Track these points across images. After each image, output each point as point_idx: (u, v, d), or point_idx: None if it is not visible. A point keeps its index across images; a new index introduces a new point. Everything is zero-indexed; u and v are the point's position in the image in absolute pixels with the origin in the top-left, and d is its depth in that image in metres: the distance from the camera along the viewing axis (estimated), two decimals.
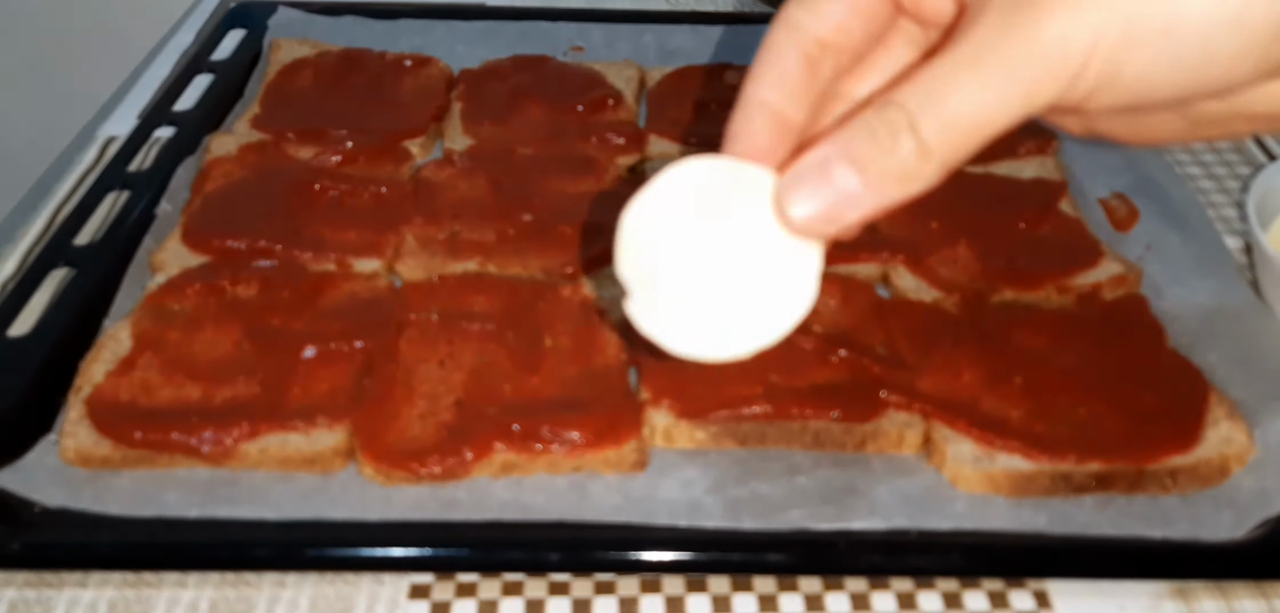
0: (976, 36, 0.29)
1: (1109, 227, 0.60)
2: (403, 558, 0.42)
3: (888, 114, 0.30)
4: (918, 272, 0.56)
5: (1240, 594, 0.42)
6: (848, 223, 0.31)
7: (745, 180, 0.33)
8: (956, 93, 0.29)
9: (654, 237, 0.33)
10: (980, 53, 0.29)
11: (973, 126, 0.29)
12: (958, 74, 0.29)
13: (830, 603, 0.42)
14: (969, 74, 0.29)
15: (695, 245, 0.33)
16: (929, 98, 0.29)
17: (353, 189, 0.61)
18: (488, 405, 0.47)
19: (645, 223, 0.33)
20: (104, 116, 0.72)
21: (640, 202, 0.33)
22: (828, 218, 0.31)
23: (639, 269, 0.33)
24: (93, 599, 0.42)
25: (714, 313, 0.33)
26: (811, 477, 0.45)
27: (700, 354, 0.33)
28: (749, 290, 0.33)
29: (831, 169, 0.30)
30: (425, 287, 0.54)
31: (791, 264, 0.33)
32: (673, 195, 0.33)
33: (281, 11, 0.79)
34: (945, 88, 0.29)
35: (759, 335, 0.33)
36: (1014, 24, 0.28)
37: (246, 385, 0.48)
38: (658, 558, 0.42)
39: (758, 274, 0.33)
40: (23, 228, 0.61)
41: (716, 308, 0.33)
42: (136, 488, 0.44)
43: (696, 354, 0.33)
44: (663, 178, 0.33)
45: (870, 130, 0.30)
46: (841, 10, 0.33)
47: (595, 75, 0.72)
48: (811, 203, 0.31)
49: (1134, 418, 0.47)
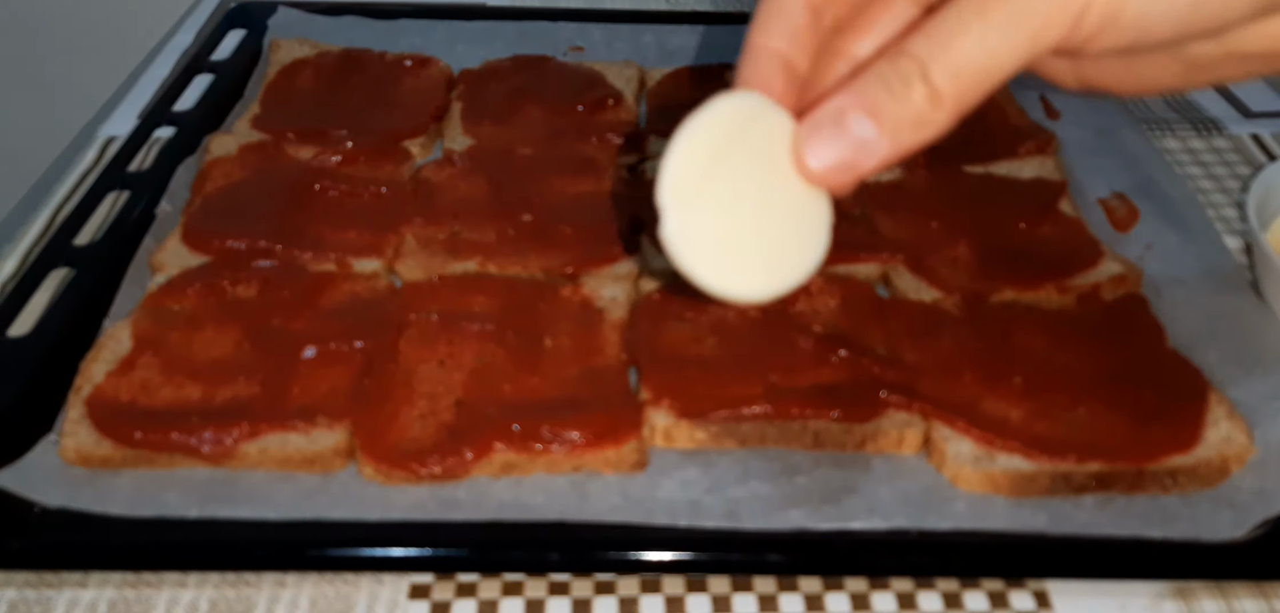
0: None
1: (1109, 227, 0.60)
2: (403, 558, 0.42)
3: (900, 64, 0.31)
4: (918, 272, 0.56)
5: (1240, 594, 0.42)
6: (865, 171, 0.32)
7: (774, 124, 0.34)
8: (965, 40, 0.30)
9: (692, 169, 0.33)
10: (982, 4, 0.30)
11: (982, 72, 0.30)
12: (966, 22, 0.30)
13: (830, 603, 0.42)
14: (977, 21, 0.30)
15: (727, 183, 0.33)
16: (939, 46, 0.30)
17: (353, 189, 0.61)
18: (488, 405, 0.47)
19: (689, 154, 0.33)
20: (104, 116, 0.72)
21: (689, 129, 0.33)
22: (846, 166, 0.32)
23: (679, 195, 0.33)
24: (93, 599, 0.42)
25: (738, 252, 0.34)
26: (811, 477, 0.45)
27: (723, 291, 0.34)
28: (770, 235, 0.34)
29: (847, 118, 0.31)
30: (425, 287, 0.54)
31: (807, 213, 0.34)
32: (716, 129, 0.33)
33: (281, 11, 0.79)
34: (954, 36, 0.30)
35: (777, 281, 0.34)
36: None
37: (246, 386, 0.48)
38: (658, 558, 0.42)
39: (779, 220, 0.34)
40: (23, 228, 0.61)
41: (740, 248, 0.34)
42: (136, 488, 0.44)
43: (719, 291, 0.34)
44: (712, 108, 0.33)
45: (883, 80, 0.31)
46: None
47: (595, 75, 0.72)
48: (829, 151, 0.32)
49: (1134, 418, 0.47)
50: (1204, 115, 0.74)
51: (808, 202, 0.34)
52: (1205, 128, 0.72)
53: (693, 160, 0.33)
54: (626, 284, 0.55)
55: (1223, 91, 0.77)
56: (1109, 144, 0.67)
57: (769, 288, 0.34)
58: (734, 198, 0.33)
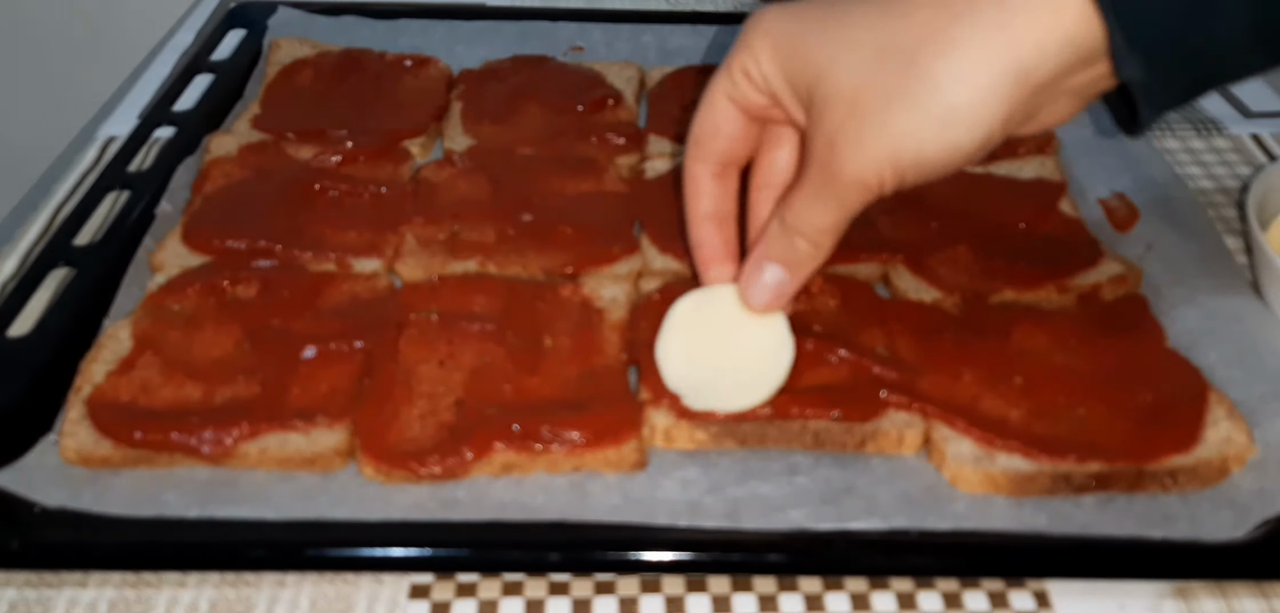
0: (811, 179, 0.43)
1: (1109, 227, 0.60)
2: (403, 558, 0.42)
3: (784, 227, 0.45)
4: (918, 272, 0.56)
5: (1240, 594, 0.42)
6: (789, 293, 0.47)
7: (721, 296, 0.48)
8: (810, 211, 0.44)
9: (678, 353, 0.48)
10: (817, 189, 0.43)
11: (828, 228, 0.44)
12: (808, 200, 0.44)
13: (830, 603, 0.42)
14: (815, 200, 0.44)
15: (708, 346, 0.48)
16: (797, 215, 0.44)
17: (353, 189, 0.61)
18: (488, 406, 0.47)
19: (670, 348, 0.48)
20: (104, 116, 0.72)
21: (662, 337, 0.48)
22: (775, 295, 0.47)
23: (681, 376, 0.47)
24: (93, 599, 0.42)
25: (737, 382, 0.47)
26: (811, 477, 0.45)
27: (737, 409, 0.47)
28: (754, 359, 0.47)
29: (763, 268, 0.46)
30: (425, 287, 0.54)
31: (772, 332, 0.48)
32: (681, 323, 0.48)
33: (281, 11, 0.79)
34: (804, 208, 0.44)
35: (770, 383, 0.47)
36: (830, 170, 0.42)
37: (246, 385, 0.48)
38: (658, 558, 0.42)
39: (755, 346, 0.48)
40: (23, 228, 0.61)
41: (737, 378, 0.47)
42: (136, 488, 0.44)
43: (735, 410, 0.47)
44: (671, 315, 0.48)
45: (776, 239, 0.46)
46: (724, 139, 0.47)
47: (595, 75, 0.72)
48: (760, 292, 0.47)
49: (1134, 418, 0.47)
50: (1204, 115, 0.74)
51: (768, 325, 0.48)
52: (1205, 128, 0.73)
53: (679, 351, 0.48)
54: (626, 284, 0.55)
55: (1223, 91, 0.77)
56: (1109, 144, 0.67)
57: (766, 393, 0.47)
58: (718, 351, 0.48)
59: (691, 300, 0.49)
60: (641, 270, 0.56)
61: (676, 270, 0.56)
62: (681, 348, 0.48)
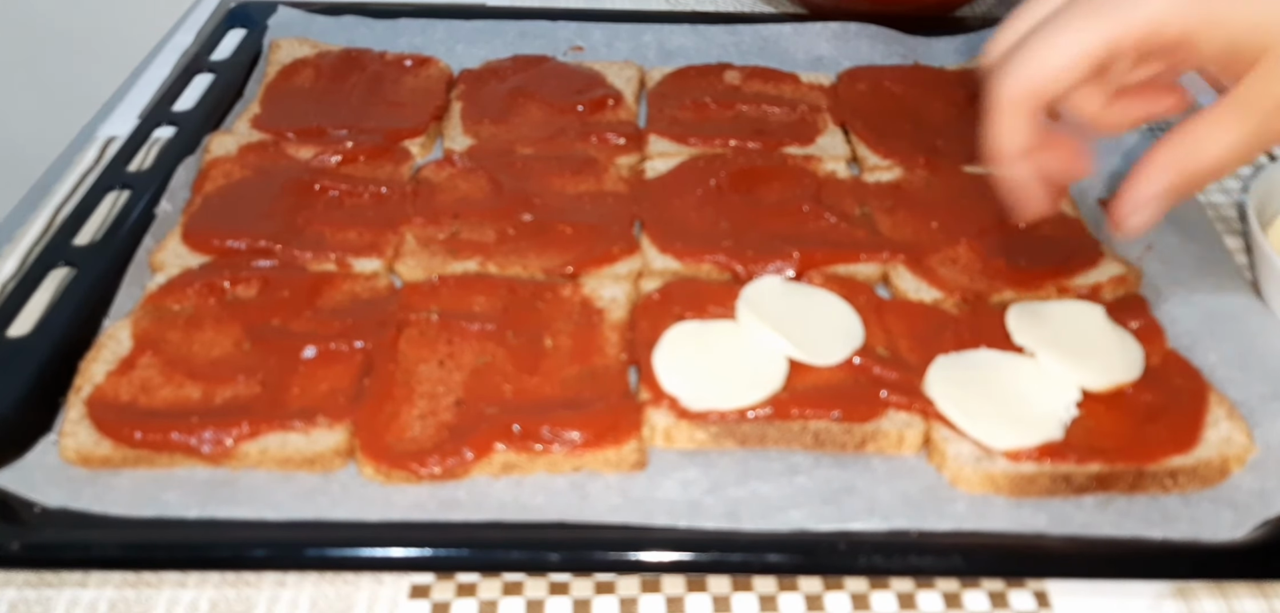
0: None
1: (1109, 227, 0.60)
2: (403, 558, 0.42)
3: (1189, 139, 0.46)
4: (918, 272, 0.56)
5: (1240, 594, 0.42)
6: (1166, 209, 0.47)
7: (717, 327, 0.51)
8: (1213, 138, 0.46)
9: (671, 367, 0.49)
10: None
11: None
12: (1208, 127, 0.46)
13: (830, 603, 0.42)
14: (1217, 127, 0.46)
15: (706, 360, 0.49)
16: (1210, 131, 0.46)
17: (353, 189, 0.61)
18: (488, 405, 0.47)
19: (664, 366, 0.49)
20: (104, 116, 0.72)
21: (656, 357, 0.49)
22: (1160, 208, 0.47)
23: (678, 386, 0.48)
24: (93, 599, 0.42)
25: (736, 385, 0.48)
26: (811, 477, 0.45)
27: (736, 407, 0.47)
28: (753, 368, 0.49)
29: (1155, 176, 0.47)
30: (425, 287, 0.54)
31: (769, 355, 0.50)
32: (676, 343, 0.50)
33: (281, 11, 0.79)
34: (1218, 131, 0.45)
35: (769, 384, 0.48)
36: None
37: (246, 385, 0.48)
38: (657, 558, 0.42)
39: (754, 361, 0.49)
40: (23, 228, 0.61)
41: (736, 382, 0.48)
42: (136, 488, 0.44)
43: (733, 408, 0.47)
44: (663, 342, 0.50)
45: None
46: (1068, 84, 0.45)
47: (595, 75, 0.72)
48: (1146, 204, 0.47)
49: (1134, 418, 0.47)
50: None
51: (765, 347, 0.50)
52: None
53: (677, 367, 0.49)
54: (626, 284, 0.55)
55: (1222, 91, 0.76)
56: (1109, 144, 0.67)
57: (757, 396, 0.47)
58: (713, 366, 0.49)
59: (689, 326, 0.51)
60: (641, 270, 0.56)
61: (676, 270, 0.56)
62: (679, 362, 0.49)
